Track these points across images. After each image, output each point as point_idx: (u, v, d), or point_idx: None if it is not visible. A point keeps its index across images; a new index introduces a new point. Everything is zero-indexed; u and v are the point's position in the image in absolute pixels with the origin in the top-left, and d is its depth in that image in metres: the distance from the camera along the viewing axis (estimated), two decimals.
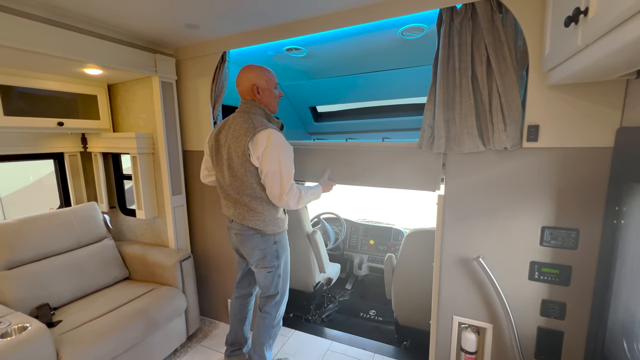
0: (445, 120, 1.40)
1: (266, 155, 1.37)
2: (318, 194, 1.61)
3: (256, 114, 1.46)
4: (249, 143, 1.38)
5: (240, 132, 1.41)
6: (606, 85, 1.14)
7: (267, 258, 1.54)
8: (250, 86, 1.47)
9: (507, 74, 1.26)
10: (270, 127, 1.41)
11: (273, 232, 1.52)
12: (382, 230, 3.20)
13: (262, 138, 1.37)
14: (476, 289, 1.48)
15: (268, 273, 1.56)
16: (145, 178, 2.07)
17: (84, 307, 1.74)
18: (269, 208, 1.49)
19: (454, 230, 1.49)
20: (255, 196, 1.46)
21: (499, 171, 1.37)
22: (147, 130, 2.08)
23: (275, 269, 1.57)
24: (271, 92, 1.52)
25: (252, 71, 1.49)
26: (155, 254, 2.03)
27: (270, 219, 1.50)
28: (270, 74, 1.52)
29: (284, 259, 1.60)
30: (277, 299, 1.62)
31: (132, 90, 2.11)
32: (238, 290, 1.80)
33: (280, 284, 1.60)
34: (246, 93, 1.50)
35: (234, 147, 1.42)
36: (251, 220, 1.49)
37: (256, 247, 1.53)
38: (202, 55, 1.98)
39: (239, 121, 1.45)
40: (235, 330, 1.82)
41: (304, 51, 2.05)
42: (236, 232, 1.56)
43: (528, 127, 1.28)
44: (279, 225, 1.54)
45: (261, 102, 1.50)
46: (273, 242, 1.54)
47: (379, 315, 2.72)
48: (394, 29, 1.72)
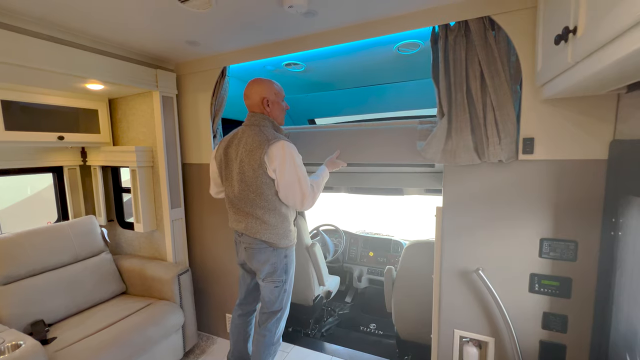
0: (441, 132, 1.42)
1: (283, 167, 1.37)
2: (326, 175, 1.62)
3: (266, 127, 1.47)
4: (264, 156, 1.38)
5: (253, 146, 1.41)
6: (598, 99, 1.17)
7: (277, 272, 1.51)
8: (260, 99, 1.48)
9: (500, 88, 1.29)
10: (282, 138, 1.42)
11: (285, 245, 1.50)
12: (381, 241, 3.19)
13: (276, 150, 1.38)
14: (477, 302, 1.47)
15: (275, 287, 1.53)
16: (144, 191, 2.07)
17: (80, 323, 1.71)
18: (283, 220, 1.48)
19: (453, 242, 1.49)
20: (270, 208, 1.45)
21: (496, 183, 1.38)
22: (147, 144, 2.10)
23: (283, 284, 1.54)
24: (280, 105, 1.55)
25: (261, 84, 1.50)
26: (153, 268, 2.02)
27: (283, 232, 1.49)
28: (279, 87, 1.55)
29: (292, 273, 1.58)
30: (279, 315, 1.58)
31: (132, 104, 2.14)
32: (242, 308, 1.73)
33: (284, 299, 1.57)
34: (255, 106, 1.50)
35: (247, 161, 1.42)
36: (264, 234, 1.46)
37: (267, 261, 1.50)
38: (203, 70, 2.02)
39: (250, 134, 1.45)
40: (239, 349, 1.75)
41: (303, 66, 2.10)
42: (246, 245, 1.52)
43: (523, 140, 1.30)
44: (291, 238, 1.53)
45: (270, 115, 1.51)
46: (284, 256, 1.52)
47: (379, 329, 2.68)
48: (390, 45, 1.77)
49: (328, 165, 1.69)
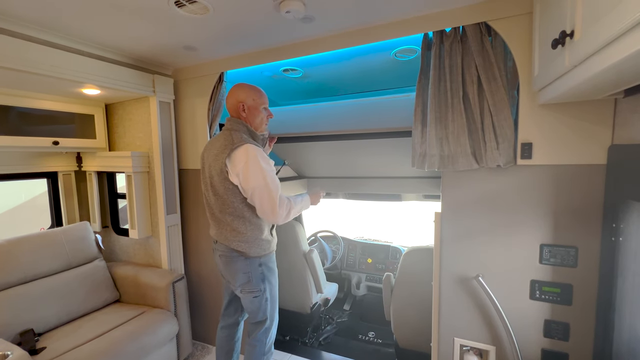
0: (437, 138, 1.42)
1: (247, 172, 1.32)
2: (307, 204, 1.55)
3: (238, 131, 1.42)
4: (226, 160, 1.33)
5: (219, 150, 1.38)
6: (596, 104, 1.17)
7: (252, 282, 1.45)
8: (237, 103, 1.45)
9: (497, 93, 1.29)
10: (249, 142, 1.36)
11: (257, 254, 1.44)
12: (379, 248, 3.16)
13: (239, 154, 1.33)
14: (477, 309, 1.44)
15: (254, 298, 1.47)
16: (140, 197, 2.04)
17: (71, 333, 1.67)
18: (252, 228, 1.42)
19: (452, 248, 1.47)
20: (238, 215, 1.40)
21: (495, 188, 1.37)
22: (144, 149, 2.08)
23: (262, 293, 1.47)
24: (258, 111, 1.48)
25: (240, 89, 1.48)
26: (147, 275, 1.98)
27: (254, 241, 1.42)
28: (259, 94, 1.50)
29: (272, 282, 1.51)
30: (267, 325, 1.52)
31: (129, 109, 2.13)
32: (224, 319, 1.68)
33: (268, 309, 1.51)
34: (232, 110, 1.48)
35: (213, 166, 1.39)
36: (234, 242, 1.42)
37: (240, 270, 1.45)
38: (200, 75, 2.02)
39: (221, 139, 1.42)
40: None
41: (300, 72, 2.10)
42: (220, 253, 1.49)
43: (521, 145, 1.30)
44: (264, 247, 1.46)
45: (246, 120, 1.47)
46: (258, 265, 1.46)
47: (378, 337, 2.63)
48: (388, 51, 1.77)
49: (311, 197, 1.60)
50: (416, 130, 1.47)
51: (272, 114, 1.57)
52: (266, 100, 1.53)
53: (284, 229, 2.32)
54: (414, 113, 1.48)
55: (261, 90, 1.52)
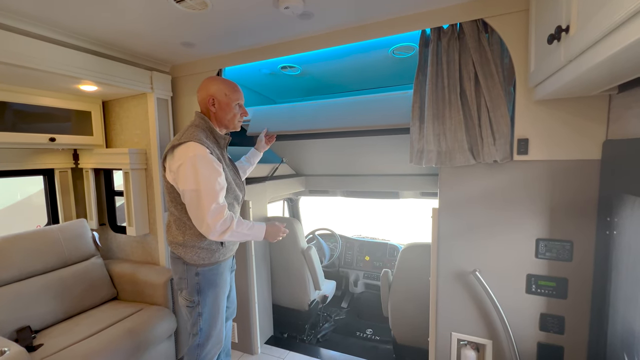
0: (435, 134, 1.43)
1: (181, 172, 1.18)
2: (258, 233, 1.33)
3: (197, 127, 1.29)
4: (167, 155, 1.25)
5: (169, 144, 1.27)
6: (590, 100, 1.18)
7: (187, 289, 1.33)
8: (207, 97, 1.33)
9: (494, 89, 1.31)
10: (199, 140, 1.20)
11: (195, 262, 1.30)
12: (377, 246, 3.17)
13: (180, 151, 1.20)
14: (474, 304, 1.45)
15: (187, 307, 1.35)
16: (137, 194, 2.04)
17: (68, 330, 1.66)
18: (186, 232, 1.29)
19: (450, 244, 1.48)
20: (176, 215, 1.30)
21: (492, 184, 1.39)
22: (141, 146, 2.07)
23: (195, 306, 1.33)
24: (230, 108, 1.34)
25: (213, 82, 1.35)
26: (145, 273, 1.97)
27: (191, 246, 1.29)
28: (233, 89, 1.36)
29: (209, 296, 1.34)
30: (198, 342, 1.36)
31: (126, 106, 2.12)
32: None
33: (201, 324, 1.35)
34: (201, 104, 1.36)
35: (161, 162, 1.32)
36: (171, 243, 1.33)
37: (177, 272, 1.35)
38: (198, 72, 2.02)
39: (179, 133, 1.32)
40: None
41: (299, 69, 2.11)
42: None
43: (518, 141, 1.31)
44: (202, 257, 1.30)
45: (214, 116, 1.35)
46: (194, 274, 1.31)
47: (376, 334, 2.64)
48: (386, 49, 1.79)
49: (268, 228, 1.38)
50: (414, 127, 1.49)
51: (246, 112, 1.42)
52: (241, 96, 1.39)
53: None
54: (412, 109, 1.49)
55: (236, 86, 1.39)
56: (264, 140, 1.85)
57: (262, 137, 1.85)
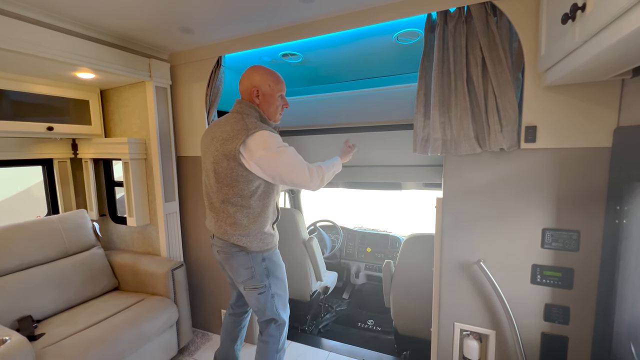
0: (441, 122, 1.39)
1: (270, 160, 1.25)
2: (338, 165, 1.53)
3: (250, 115, 1.33)
4: (240, 147, 1.24)
5: (230, 135, 1.27)
6: (602, 85, 1.14)
7: (255, 277, 1.37)
8: (251, 87, 1.35)
9: (502, 75, 1.27)
10: (265, 128, 1.28)
11: (260, 249, 1.36)
12: (379, 237, 3.16)
13: (257, 141, 1.24)
14: (477, 295, 1.44)
15: (260, 295, 1.39)
16: (137, 184, 2.02)
17: (69, 319, 1.66)
18: (255, 220, 1.33)
19: (454, 234, 1.46)
20: (242, 205, 1.31)
21: (498, 173, 1.36)
22: (140, 136, 2.05)
23: (268, 289, 1.39)
24: (273, 99, 1.38)
25: (256, 71, 1.37)
26: (146, 263, 1.96)
27: (256, 234, 1.34)
28: (277, 80, 1.39)
29: (279, 276, 1.44)
30: (280, 322, 1.46)
31: (125, 95, 2.08)
32: (233, 308, 1.66)
33: (276, 306, 1.43)
34: (245, 93, 1.38)
35: (222, 150, 1.28)
36: (233, 236, 1.33)
37: (242, 265, 1.37)
38: (197, 60, 1.97)
39: (230, 122, 1.32)
40: (225, 348, 1.69)
41: (300, 56, 2.06)
42: (218, 249, 1.40)
43: (525, 128, 1.28)
44: (267, 242, 1.38)
45: (259, 107, 1.37)
46: (261, 260, 1.37)
47: (377, 325, 2.65)
48: (389, 35, 1.73)
49: (342, 154, 1.61)
50: (418, 114, 1.45)
51: (287, 103, 1.45)
52: (284, 87, 1.42)
53: (284, 218, 2.30)
54: (417, 96, 1.45)
55: (279, 76, 1.41)
56: None
57: None
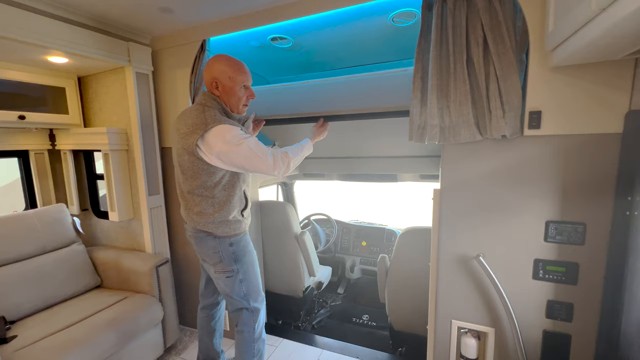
0: (438, 108, 1.30)
1: (229, 153, 1.24)
2: (308, 147, 1.51)
3: (211, 108, 1.30)
4: (198, 142, 1.25)
5: (190, 129, 1.27)
6: (613, 65, 1.05)
7: (223, 261, 1.40)
8: (211, 79, 1.33)
9: (505, 56, 1.17)
10: (224, 121, 1.26)
11: (226, 234, 1.38)
12: (374, 231, 3.09)
13: (214, 135, 1.24)
14: (476, 291, 1.37)
15: (227, 278, 1.41)
16: (119, 177, 1.91)
17: (46, 320, 1.57)
18: (220, 209, 1.35)
19: (452, 227, 1.38)
20: (207, 195, 1.34)
21: (499, 162, 1.27)
22: (121, 126, 1.93)
23: (236, 274, 1.41)
24: (234, 92, 1.35)
25: (217, 63, 1.34)
26: (130, 259, 1.87)
27: (220, 221, 1.36)
28: (238, 71, 1.34)
29: (247, 263, 1.44)
30: (250, 308, 1.45)
31: (104, 82, 1.96)
32: (203, 299, 1.65)
33: (244, 291, 1.44)
34: (207, 84, 1.36)
35: (182, 144, 1.29)
36: (199, 223, 1.37)
37: (210, 249, 1.40)
38: (180, 44, 1.85)
39: (192, 115, 1.30)
40: (205, 344, 1.66)
41: (290, 41, 1.94)
42: (189, 234, 1.45)
43: (529, 114, 1.19)
44: (233, 228, 1.39)
45: (220, 99, 1.35)
46: (229, 244, 1.39)
47: (372, 320, 2.59)
48: (384, 16, 1.63)
49: (314, 133, 1.61)
50: (415, 100, 1.35)
51: (253, 94, 1.42)
52: (247, 77, 1.37)
53: (274, 211, 2.21)
54: (413, 80, 1.35)
55: (242, 66, 1.36)
56: (252, 126, 1.73)
57: (250, 123, 1.73)
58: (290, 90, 1.84)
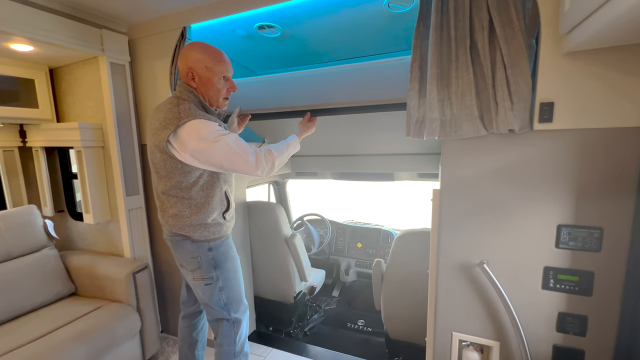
0: (439, 99, 1.17)
1: (205, 151, 1.13)
2: (295, 144, 1.40)
3: (187, 101, 1.19)
4: (169, 138, 1.13)
5: (162, 124, 1.15)
6: (636, 50, 0.93)
7: (202, 268, 1.29)
8: (186, 69, 1.21)
9: (514, 41, 1.04)
10: (200, 116, 1.14)
11: (205, 238, 1.26)
12: (370, 232, 2.97)
13: (188, 131, 1.12)
14: (479, 301, 1.25)
15: (206, 286, 1.29)
16: (93, 176, 1.77)
17: (10, 333, 1.43)
18: (197, 211, 1.23)
19: (453, 231, 1.26)
20: (183, 197, 1.22)
21: (506, 159, 1.15)
22: (96, 121, 1.79)
23: (215, 281, 1.30)
24: (211, 83, 1.23)
25: (193, 51, 1.21)
26: (105, 265, 1.73)
27: (198, 224, 1.24)
28: (216, 60, 1.22)
29: (228, 269, 1.33)
30: (232, 319, 1.34)
31: (78, 74, 1.81)
32: (184, 308, 1.53)
33: (225, 301, 1.32)
34: (182, 75, 1.24)
35: (153, 141, 1.19)
36: (175, 226, 1.26)
37: (188, 254, 1.28)
38: (159, 32, 1.71)
39: (165, 108, 1.19)
40: (185, 357, 1.54)
41: (279, 30, 1.80)
42: (166, 237, 1.34)
43: (540, 105, 1.07)
44: (212, 231, 1.27)
45: (197, 91, 1.24)
46: (208, 249, 1.28)
47: (368, 326, 2.48)
48: (379, 1, 1.50)
49: (301, 129, 1.50)
50: (413, 91, 1.22)
51: (234, 86, 1.31)
52: (226, 67, 1.25)
53: (262, 212, 2.08)
54: (410, 69, 1.22)
55: (220, 55, 1.24)
56: (237, 121, 1.60)
57: (235, 117, 1.60)
58: (279, 82, 1.70)
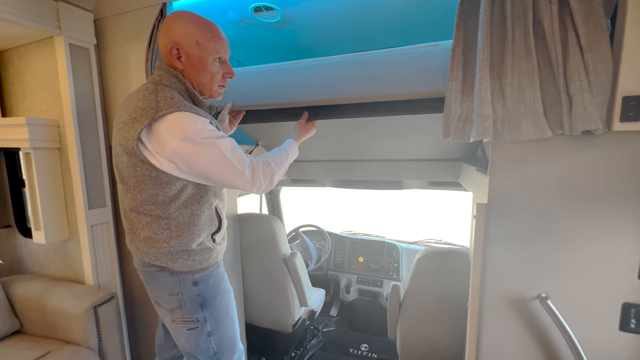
0: (490, 92, 0.94)
1: (188, 155, 0.86)
2: (294, 151, 1.18)
3: (169, 87, 0.91)
4: (141, 134, 0.85)
5: (132, 116, 0.87)
6: None
7: (184, 307, 1.00)
8: (169, 45, 0.91)
9: (592, 17, 0.82)
10: (187, 108, 0.87)
11: (188, 268, 0.98)
12: (372, 244, 2.71)
13: (169, 127, 0.84)
14: (536, 342, 1.01)
15: (190, 331, 1.01)
16: (46, 184, 1.42)
17: None
18: (178, 235, 0.95)
19: (502, 255, 1.02)
20: (158, 215, 0.93)
21: (574, 168, 0.92)
22: (51, 116, 1.45)
23: (202, 324, 1.02)
24: (204, 64, 0.94)
25: (179, 21, 0.92)
26: (59, 296, 1.39)
27: (179, 251, 0.96)
28: (212, 35, 0.93)
29: (219, 307, 1.05)
30: None
31: (28, 59, 1.48)
32: (161, 353, 1.23)
33: (216, 348, 1.05)
34: (163, 54, 0.95)
35: (119, 139, 0.91)
36: (148, 255, 0.96)
37: (165, 290, 1.00)
38: (133, 9, 1.41)
39: (138, 96, 0.90)
40: None
41: (279, 13, 1.54)
42: (136, 266, 1.06)
43: (623, 100, 0.85)
44: (198, 260, 0.99)
45: (184, 75, 0.95)
46: (192, 283, 1.00)
47: (373, 351, 2.21)
48: None
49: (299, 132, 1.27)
50: (455, 81, 0.99)
51: (232, 72, 1.03)
52: (223, 45, 0.96)
53: (257, 226, 1.78)
54: (452, 55, 0.99)
55: (216, 29, 0.95)
56: (228, 118, 1.31)
57: (226, 114, 1.32)
58: (277, 73, 1.42)
